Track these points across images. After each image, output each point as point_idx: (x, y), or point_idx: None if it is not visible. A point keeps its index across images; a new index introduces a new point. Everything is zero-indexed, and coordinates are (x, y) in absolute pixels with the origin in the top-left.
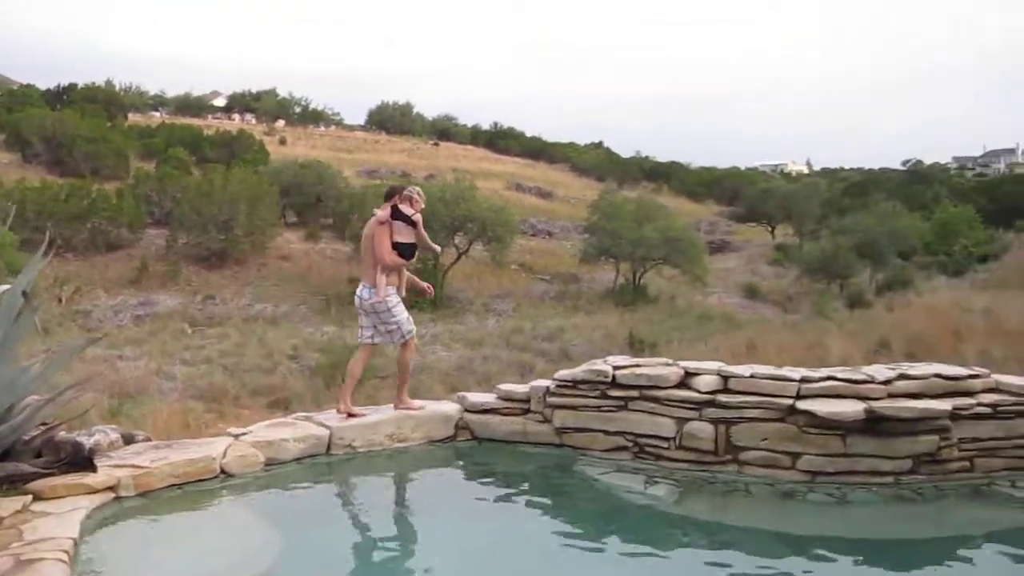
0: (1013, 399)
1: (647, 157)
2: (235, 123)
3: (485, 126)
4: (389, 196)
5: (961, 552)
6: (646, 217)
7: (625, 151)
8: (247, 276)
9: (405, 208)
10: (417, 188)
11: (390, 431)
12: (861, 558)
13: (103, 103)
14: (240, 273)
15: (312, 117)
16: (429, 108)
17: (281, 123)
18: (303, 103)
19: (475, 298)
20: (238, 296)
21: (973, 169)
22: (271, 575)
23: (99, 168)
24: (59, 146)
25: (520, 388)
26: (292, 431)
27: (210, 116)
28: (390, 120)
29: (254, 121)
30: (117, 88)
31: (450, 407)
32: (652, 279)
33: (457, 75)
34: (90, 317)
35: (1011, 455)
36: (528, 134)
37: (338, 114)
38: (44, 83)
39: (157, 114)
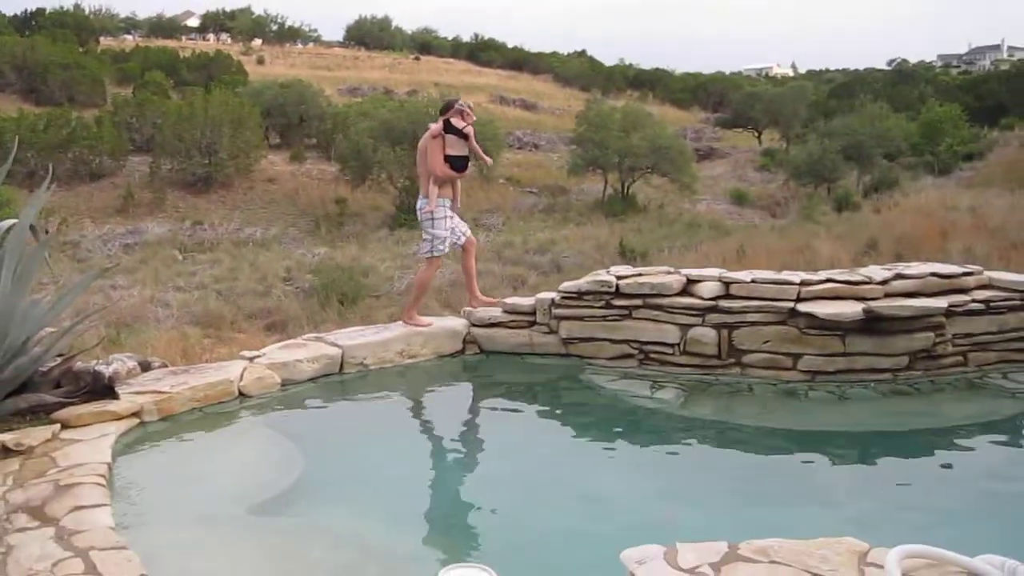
0: (1005, 295)
1: (631, 65)
2: (211, 44)
3: (466, 38)
4: (444, 110)
5: (956, 441)
6: (633, 126)
7: (608, 59)
8: (234, 200)
9: (456, 121)
10: (469, 102)
11: (400, 348)
12: (862, 449)
13: (73, 28)
14: (227, 197)
15: (289, 35)
16: (408, 21)
17: (258, 42)
18: (279, 20)
19: (464, 213)
20: (226, 220)
21: (958, 67)
22: (299, 490)
23: (75, 95)
24: (32, 74)
25: (525, 301)
26: (305, 352)
27: (184, 37)
28: (369, 35)
29: (230, 41)
30: (87, 11)
31: (457, 322)
32: (640, 188)
33: None
34: (79, 248)
35: (1003, 349)
36: (510, 45)
37: (315, 31)
38: (8, 8)
39: (130, 37)
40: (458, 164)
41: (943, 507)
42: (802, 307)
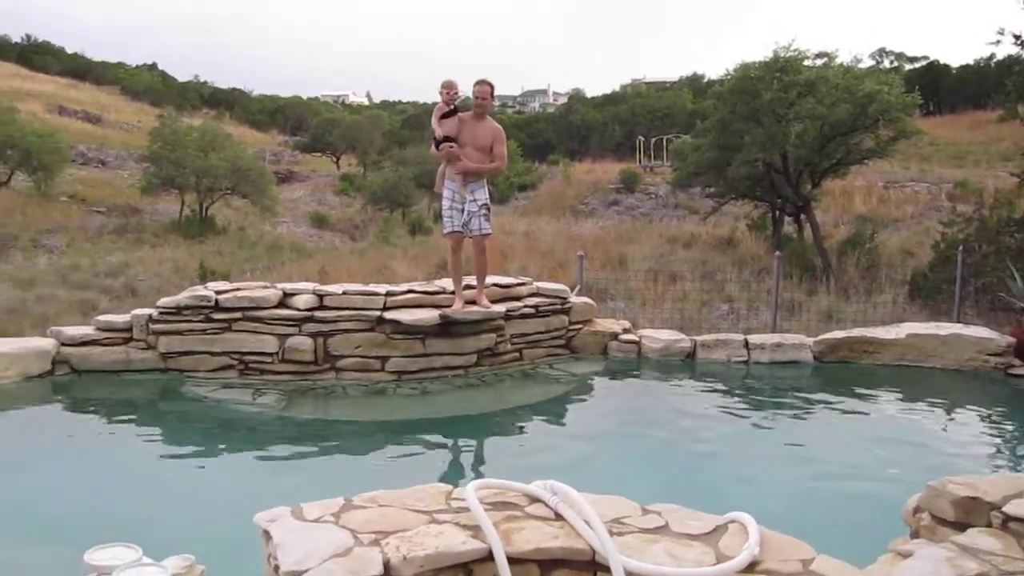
0: (549, 300)
1: (206, 82)
2: None
3: (16, 38)
4: None
5: (515, 417)
6: (211, 146)
7: (182, 75)
8: None
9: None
10: (451, 80)
11: None
12: (443, 429)
13: None
14: None
15: None
16: None
17: None
18: None
19: (20, 233)
20: None
21: (514, 107)
22: None
23: None
24: None
25: (121, 318)
26: None
27: None
28: None
29: None
30: None
31: (45, 341)
32: (220, 210)
33: None
34: None
35: (549, 345)
36: (69, 50)
37: None
38: None
39: None
40: (438, 143)
41: (506, 461)
42: (388, 315)
